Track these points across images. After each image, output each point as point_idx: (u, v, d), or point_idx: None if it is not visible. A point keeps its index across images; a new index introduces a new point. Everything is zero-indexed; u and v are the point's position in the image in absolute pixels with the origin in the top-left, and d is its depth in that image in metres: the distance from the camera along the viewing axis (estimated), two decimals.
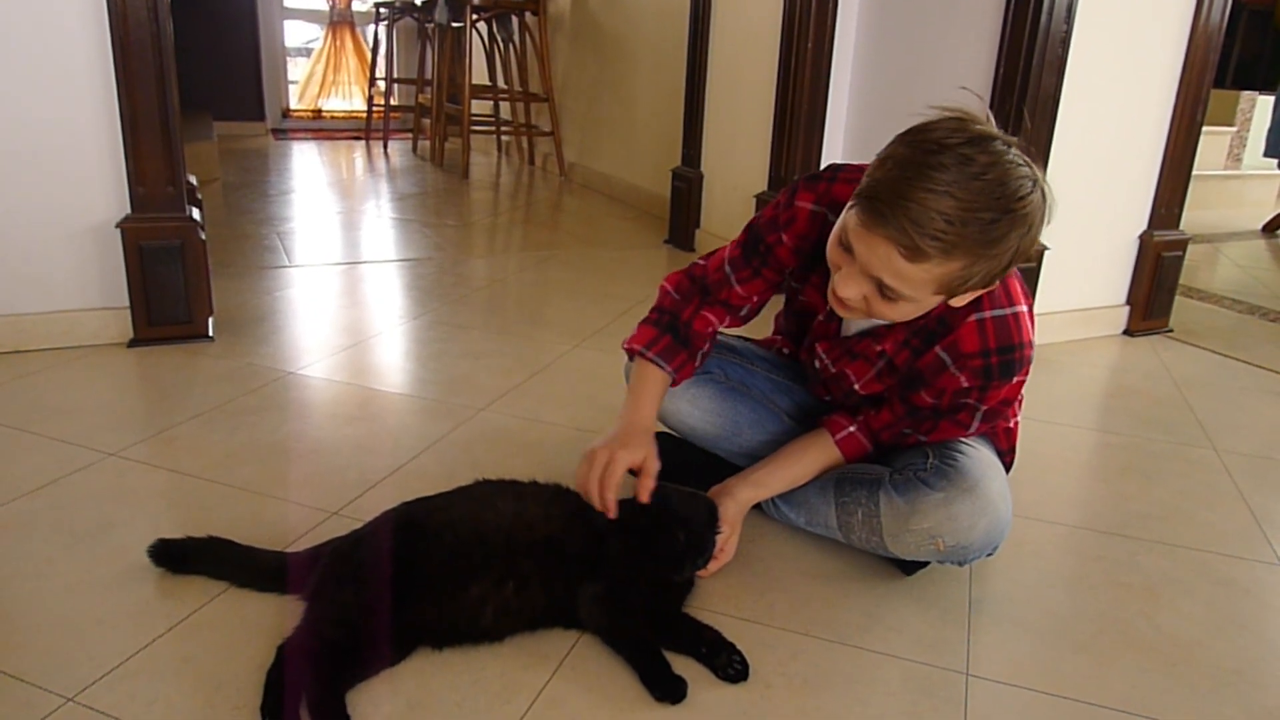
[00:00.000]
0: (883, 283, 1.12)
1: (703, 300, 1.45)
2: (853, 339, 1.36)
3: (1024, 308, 1.24)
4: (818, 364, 1.44)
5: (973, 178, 1.03)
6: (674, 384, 1.45)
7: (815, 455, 1.42)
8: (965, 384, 1.25)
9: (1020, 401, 1.48)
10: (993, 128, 1.08)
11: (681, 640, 1.19)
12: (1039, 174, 1.08)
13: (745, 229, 1.43)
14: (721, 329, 1.49)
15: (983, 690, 1.17)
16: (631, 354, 1.45)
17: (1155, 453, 1.94)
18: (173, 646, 1.16)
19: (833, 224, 1.29)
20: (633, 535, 1.25)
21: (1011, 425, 1.46)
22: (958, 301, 1.18)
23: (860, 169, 1.31)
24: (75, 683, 1.08)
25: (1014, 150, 1.07)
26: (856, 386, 1.38)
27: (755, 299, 1.45)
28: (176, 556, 1.31)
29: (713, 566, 1.34)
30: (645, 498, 1.27)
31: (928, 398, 1.30)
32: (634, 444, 1.31)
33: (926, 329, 1.26)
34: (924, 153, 1.04)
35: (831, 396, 1.46)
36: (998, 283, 1.18)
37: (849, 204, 1.14)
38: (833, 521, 1.39)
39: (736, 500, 1.39)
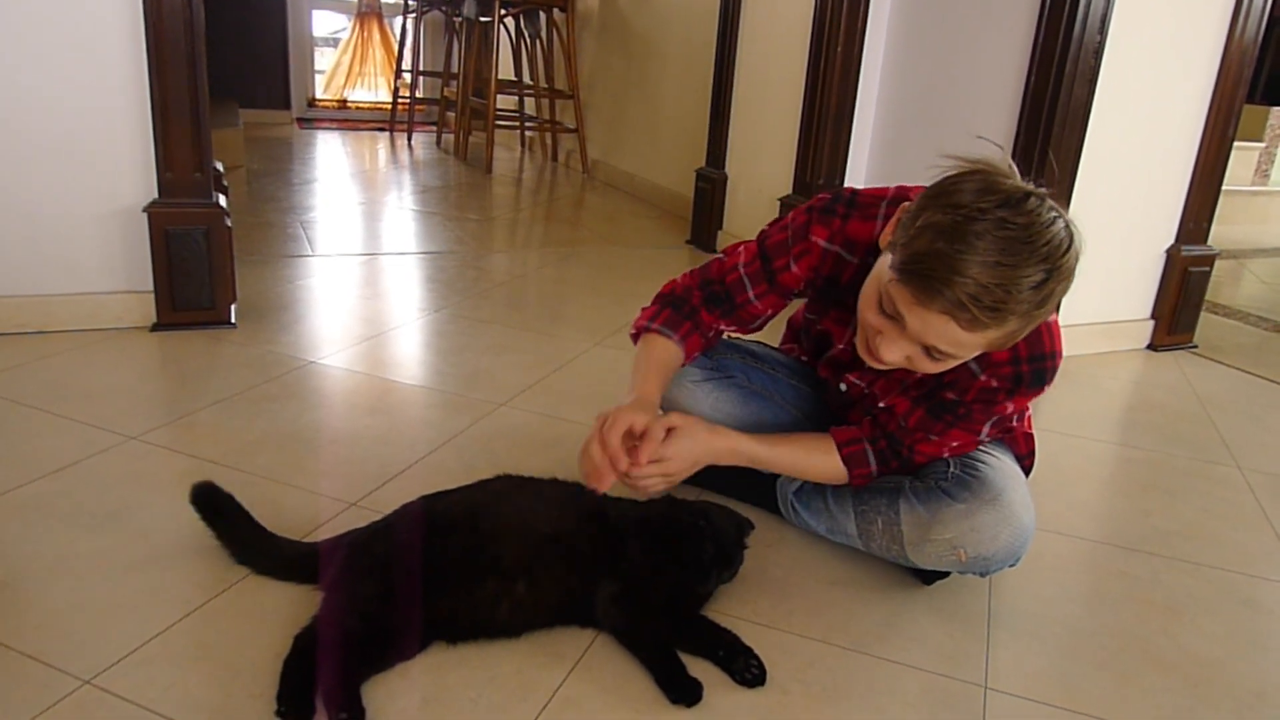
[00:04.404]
0: (934, 347, 1.11)
1: (718, 310, 1.44)
2: None
3: (1054, 316, 1.23)
4: (844, 387, 1.42)
5: (1016, 242, 1.01)
6: (685, 359, 1.44)
7: (818, 455, 1.38)
8: (993, 385, 1.24)
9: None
10: (1019, 179, 1.07)
11: (699, 643, 1.18)
12: (1069, 219, 1.07)
13: (757, 245, 1.41)
14: (730, 335, 1.48)
15: (1002, 704, 1.16)
16: (637, 334, 1.46)
17: (1178, 469, 1.92)
18: (190, 632, 1.16)
19: (847, 261, 1.30)
20: (659, 540, 1.25)
21: (1029, 430, 1.45)
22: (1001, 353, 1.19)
23: (873, 200, 1.28)
24: (92, 665, 1.09)
25: (1046, 202, 1.05)
26: (881, 403, 1.36)
27: (770, 312, 1.44)
28: (213, 505, 1.28)
29: (646, 471, 1.27)
30: (643, 461, 1.22)
31: (951, 395, 1.28)
32: (639, 411, 1.27)
33: None
34: (962, 219, 1.02)
35: (854, 409, 1.45)
36: None
37: (889, 273, 1.10)
38: (852, 530, 1.38)
39: (710, 444, 1.33)
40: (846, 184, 2.99)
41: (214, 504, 1.29)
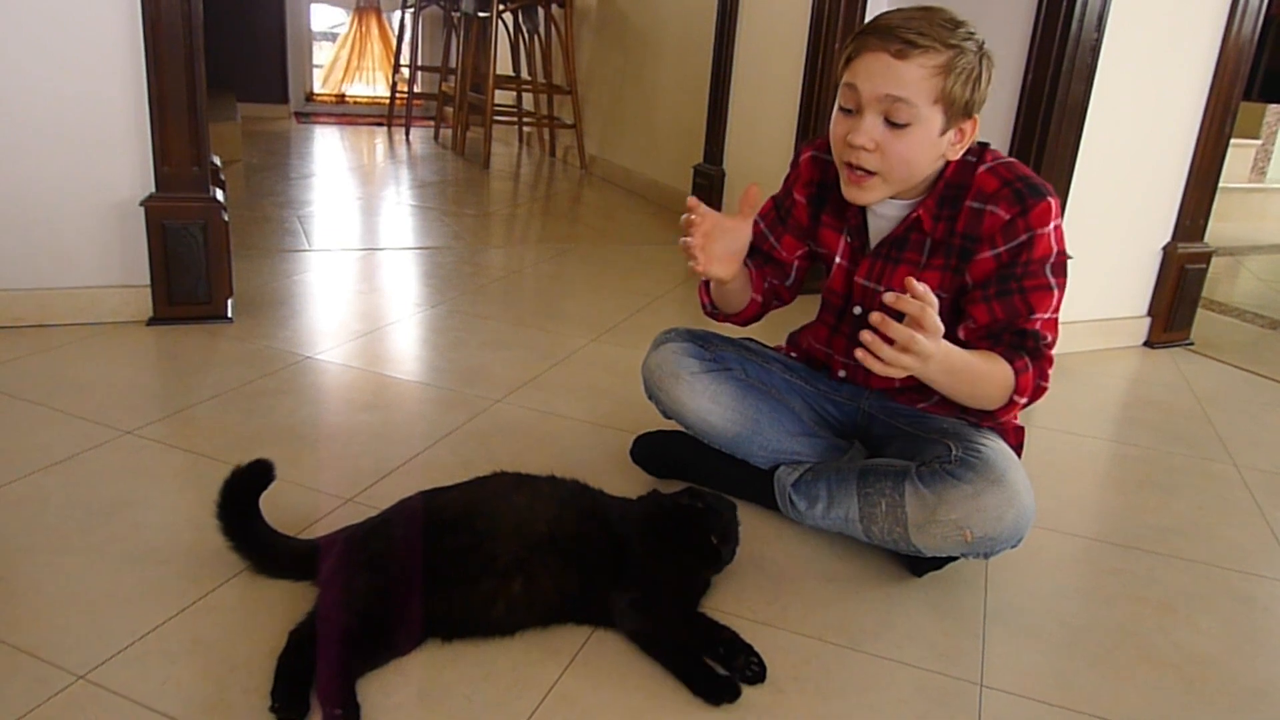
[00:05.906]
0: (890, 102, 1.27)
1: (756, 261, 1.56)
2: (888, 243, 1.44)
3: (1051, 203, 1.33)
4: (865, 288, 1.47)
5: (924, 8, 1.29)
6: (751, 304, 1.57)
7: (999, 365, 1.31)
8: (1005, 215, 1.31)
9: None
10: None
11: (699, 640, 1.18)
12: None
13: (770, 202, 1.60)
14: (760, 298, 1.57)
15: (996, 701, 1.16)
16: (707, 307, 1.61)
17: (1174, 466, 1.93)
18: (185, 627, 1.16)
19: (829, 161, 1.47)
20: (663, 532, 1.26)
21: (1018, 423, 1.48)
22: (954, 151, 1.33)
23: None
24: (86, 660, 1.08)
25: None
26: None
27: (796, 261, 1.58)
28: (247, 487, 1.25)
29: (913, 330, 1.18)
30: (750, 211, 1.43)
31: (986, 253, 1.34)
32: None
33: (947, 196, 1.37)
34: (882, 14, 1.30)
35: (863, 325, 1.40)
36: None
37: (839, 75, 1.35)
38: (854, 513, 1.38)
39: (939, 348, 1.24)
40: None
41: (248, 486, 1.25)
